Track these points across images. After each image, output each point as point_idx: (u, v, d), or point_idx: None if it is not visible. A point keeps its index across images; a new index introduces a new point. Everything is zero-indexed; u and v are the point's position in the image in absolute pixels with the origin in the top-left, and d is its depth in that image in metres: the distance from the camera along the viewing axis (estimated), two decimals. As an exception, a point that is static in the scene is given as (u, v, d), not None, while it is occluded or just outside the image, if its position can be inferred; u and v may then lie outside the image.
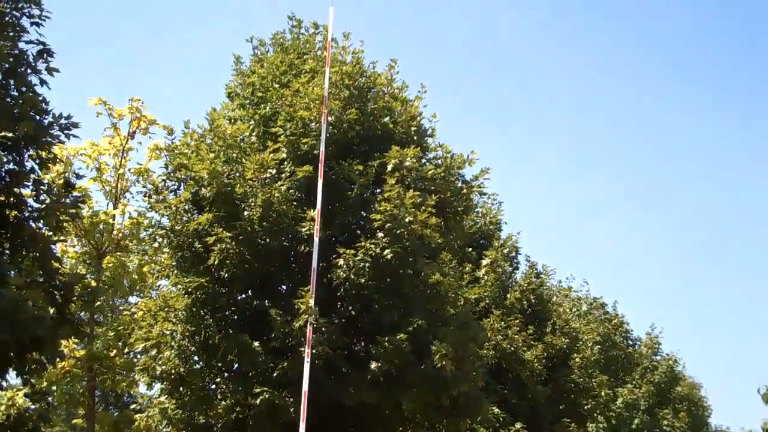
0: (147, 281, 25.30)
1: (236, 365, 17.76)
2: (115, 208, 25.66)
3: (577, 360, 32.02)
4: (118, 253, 25.43)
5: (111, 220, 25.28)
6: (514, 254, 33.19)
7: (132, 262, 25.72)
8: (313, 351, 16.20)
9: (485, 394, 20.58)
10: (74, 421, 30.90)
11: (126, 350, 24.15)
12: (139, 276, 25.33)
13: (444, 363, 16.58)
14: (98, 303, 24.24)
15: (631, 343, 49.49)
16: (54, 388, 24.14)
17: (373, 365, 16.86)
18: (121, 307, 27.21)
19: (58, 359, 14.42)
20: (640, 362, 47.91)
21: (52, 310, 13.43)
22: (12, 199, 13.36)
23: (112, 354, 24.34)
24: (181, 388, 18.12)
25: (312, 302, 16.40)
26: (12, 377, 15.40)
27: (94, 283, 22.40)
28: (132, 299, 26.94)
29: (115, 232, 25.40)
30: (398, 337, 16.56)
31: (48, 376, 23.14)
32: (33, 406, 16.64)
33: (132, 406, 27.67)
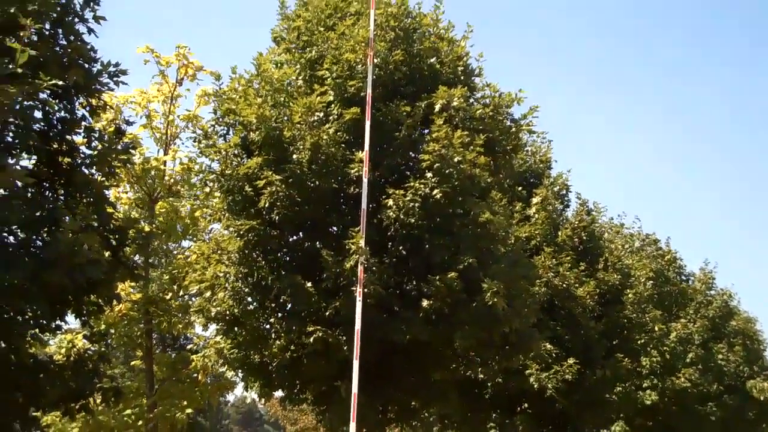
0: (199, 225, 25.57)
1: (289, 305, 17.94)
2: (165, 154, 25.90)
3: (629, 296, 31.95)
4: (171, 199, 25.72)
5: (162, 166, 25.53)
6: (564, 192, 32.99)
7: (184, 206, 25.98)
8: (365, 290, 16.38)
9: (537, 330, 20.65)
10: (133, 362, 31.47)
11: (181, 293, 24.52)
12: (192, 220, 25.59)
13: (495, 300, 16.65)
14: (152, 247, 24.59)
15: (684, 278, 49.08)
16: (112, 330, 24.59)
17: (425, 303, 16.98)
18: (175, 251, 27.59)
19: (114, 302, 14.67)
20: (693, 297, 47.54)
21: (107, 254, 13.66)
22: (64, 146, 13.52)
23: (167, 297, 24.73)
24: (235, 329, 18.45)
25: (362, 242, 16.53)
26: (71, 321, 15.75)
27: (147, 228, 22.79)
28: (185, 243, 27.27)
29: (166, 178, 25.65)
30: (449, 275, 16.67)
31: (106, 319, 23.59)
32: (93, 348, 16.97)
33: (188, 347, 28.19)
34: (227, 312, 18.06)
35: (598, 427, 33.78)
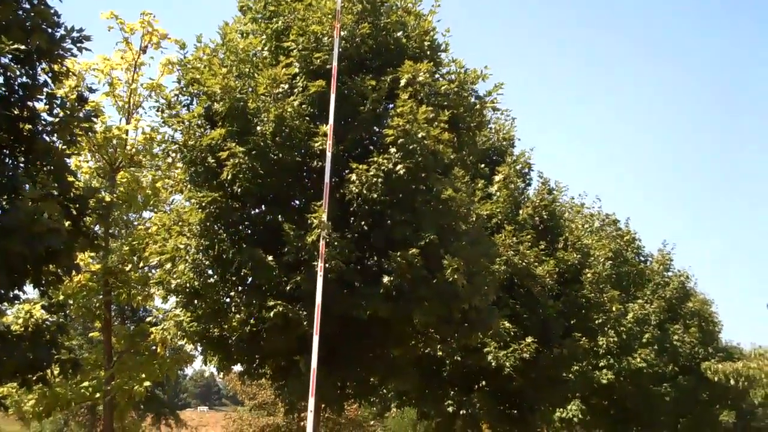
0: (161, 196, 25.37)
1: (250, 279, 17.87)
2: (128, 123, 25.62)
3: (588, 275, 32.12)
4: (132, 168, 25.50)
5: (124, 135, 25.26)
6: (526, 170, 33.05)
7: (146, 177, 25.76)
8: (326, 265, 16.37)
9: (496, 308, 20.76)
10: (91, 334, 31.29)
11: (141, 264, 24.37)
12: (153, 191, 25.38)
13: (456, 277, 16.71)
14: (113, 217, 24.38)
15: (642, 259, 49.59)
16: (71, 301, 24.36)
17: (386, 279, 17.00)
18: (136, 222, 27.39)
19: (74, 272, 14.54)
20: (651, 278, 48.09)
21: (67, 224, 13.52)
22: (26, 112, 13.32)
23: (127, 268, 24.55)
24: (195, 301, 18.31)
25: (325, 217, 16.50)
26: (30, 291, 15.61)
27: (108, 198, 22.58)
28: (146, 214, 27.07)
29: (128, 147, 25.40)
30: (410, 252, 16.67)
31: (65, 290, 23.39)
32: (51, 319, 16.83)
33: (147, 320, 28.02)
34: (187, 284, 17.92)
35: (554, 405, 34.11)
